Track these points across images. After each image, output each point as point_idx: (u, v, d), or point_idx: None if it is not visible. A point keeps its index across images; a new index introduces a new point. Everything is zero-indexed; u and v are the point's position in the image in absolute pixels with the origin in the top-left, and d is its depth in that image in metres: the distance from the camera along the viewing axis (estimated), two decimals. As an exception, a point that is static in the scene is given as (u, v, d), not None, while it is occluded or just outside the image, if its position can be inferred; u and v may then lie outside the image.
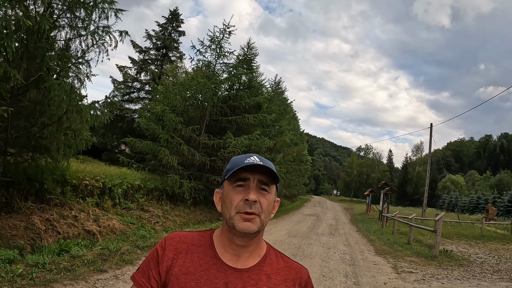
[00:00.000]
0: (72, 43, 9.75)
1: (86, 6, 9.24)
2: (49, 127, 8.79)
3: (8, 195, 9.43)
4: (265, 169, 1.45)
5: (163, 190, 16.98)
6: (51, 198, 10.72)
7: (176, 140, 18.11)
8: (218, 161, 19.08)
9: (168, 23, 40.32)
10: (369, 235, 19.91)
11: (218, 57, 21.30)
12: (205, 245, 1.52)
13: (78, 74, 9.19)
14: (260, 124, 21.94)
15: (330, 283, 8.85)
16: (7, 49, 6.13)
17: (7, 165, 9.46)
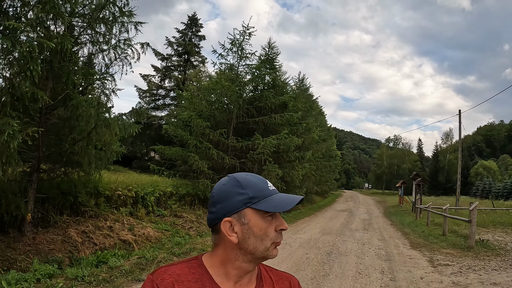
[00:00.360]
0: (95, 58, 9.92)
1: (106, 21, 9.41)
2: (79, 143, 8.95)
3: (43, 210, 9.61)
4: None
5: (195, 195, 17.06)
6: (85, 210, 10.89)
7: (205, 145, 18.17)
8: (248, 163, 19.08)
9: (187, 29, 40.54)
10: (403, 228, 19.62)
11: (240, 59, 21.29)
12: (202, 279, 1.40)
13: (104, 89, 9.30)
14: (287, 123, 21.88)
15: (366, 280, 8.74)
16: (33, 72, 6.22)
17: (41, 181, 9.65)
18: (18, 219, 8.42)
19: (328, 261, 10.52)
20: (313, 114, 32.95)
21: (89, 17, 9.19)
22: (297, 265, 9.89)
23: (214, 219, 1.39)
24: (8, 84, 6.45)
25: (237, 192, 1.37)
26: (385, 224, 22.18)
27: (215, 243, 1.44)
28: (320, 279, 8.65)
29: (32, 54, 6.07)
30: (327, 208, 31.68)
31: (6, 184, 8.29)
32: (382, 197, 61.13)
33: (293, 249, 12.04)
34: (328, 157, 42.92)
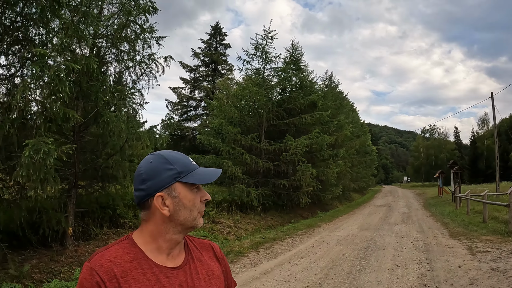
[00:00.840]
0: (122, 75, 10.26)
1: (129, 39, 9.73)
2: (113, 157, 9.28)
3: (84, 224, 9.97)
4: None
5: (231, 200, 17.24)
6: (124, 222, 11.24)
7: (238, 150, 18.38)
8: (281, 165, 19.16)
9: (212, 39, 40.94)
10: (443, 219, 19.43)
11: (265, 63, 21.42)
12: (137, 257, 1.44)
13: (132, 104, 9.61)
14: (317, 122, 21.90)
15: (403, 271, 8.75)
16: (63, 94, 6.53)
17: (80, 196, 10.07)
18: (60, 233, 8.77)
19: (365, 256, 10.55)
20: (344, 111, 32.72)
21: (112, 37, 9.53)
22: (334, 261, 9.95)
23: (145, 196, 1.45)
24: (40, 107, 6.78)
25: (166, 168, 1.46)
26: (424, 216, 21.94)
27: (144, 219, 1.49)
28: (356, 273, 8.70)
29: (60, 76, 6.38)
30: (365, 205, 31.47)
31: (46, 200, 8.76)
32: (421, 190, 60.09)
33: (331, 246, 12.09)
34: (363, 153, 42.62)
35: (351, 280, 8.10)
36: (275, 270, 9.03)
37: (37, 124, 6.83)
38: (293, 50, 23.66)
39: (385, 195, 47.49)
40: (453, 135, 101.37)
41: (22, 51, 7.31)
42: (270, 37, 20.97)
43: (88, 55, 8.09)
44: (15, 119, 6.88)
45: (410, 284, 7.74)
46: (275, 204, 19.86)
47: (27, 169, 6.22)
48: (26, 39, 7.59)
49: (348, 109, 37.87)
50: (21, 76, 7.88)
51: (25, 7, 7.23)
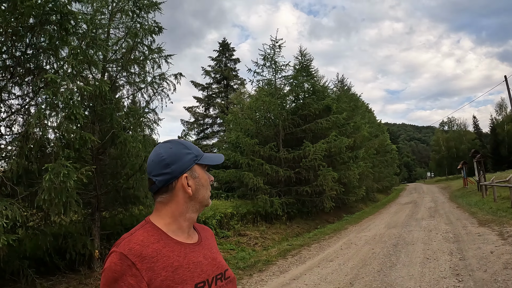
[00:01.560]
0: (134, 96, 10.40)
1: (138, 61, 9.86)
2: (132, 177, 9.34)
3: (109, 246, 10.03)
4: None
5: (255, 212, 17.20)
6: (151, 243, 11.26)
7: (257, 161, 18.40)
8: (302, 171, 19.10)
9: (221, 55, 41.27)
10: (470, 208, 19.23)
11: (275, 72, 21.54)
12: (161, 238, 1.54)
13: (148, 122, 9.72)
14: (334, 126, 21.85)
15: (435, 264, 8.68)
16: (77, 116, 6.65)
17: (104, 219, 10.19)
18: (87, 257, 8.86)
19: (394, 252, 10.46)
20: (359, 112, 32.60)
21: (122, 60, 9.70)
22: (363, 260, 9.87)
23: (170, 179, 1.58)
24: (57, 133, 6.90)
25: (186, 153, 1.63)
26: (451, 208, 21.66)
27: (163, 203, 1.61)
28: (387, 270, 8.64)
29: (74, 100, 6.51)
30: (391, 204, 31.06)
31: (71, 225, 8.96)
32: (446, 183, 59.25)
33: (359, 247, 12.00)
34: (383, 152, 42.33)
35: (382, 277, 8.04)
36: (305, 275, 8.98)
37: (55, 150, 6.96)
38: (302, 56, 23.85)
39: (410, 192, 46.92)
40: (472, 125, 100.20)
41: (34, 79, 7.47)
42: (278, 46, 21.15)
43: (100, 79, 8.25)
44: (33, 147, 7.03)
45: (442, 275, 7.68)
46: (299, 212, 19.76)
47: (48, 193, 6.33)
48: (37, 68, 7.75)
49: (363, 110, 37.68)
50: (36, 104, 8.06)
51: (34, 38, 7.40)
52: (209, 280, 1.58)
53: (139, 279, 1.40)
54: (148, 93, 10.32)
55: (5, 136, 8.09)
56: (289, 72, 22.26)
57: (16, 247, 6.32)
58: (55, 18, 7.18)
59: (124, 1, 9.63)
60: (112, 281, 1.41)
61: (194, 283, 1.50)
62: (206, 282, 1.56)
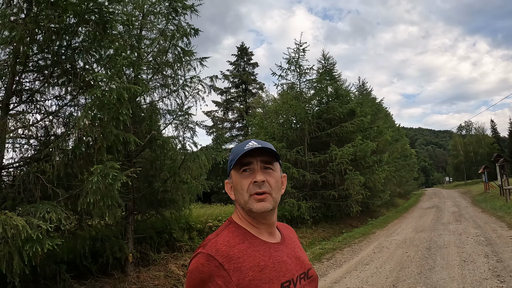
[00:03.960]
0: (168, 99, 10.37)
1: (172, 63, 9.84)
2: (168, 180, 9.31)
3: (142, 249, 10.00)
4: (265, 150, 1.59)
5: (281, 216, 17.09)
6: (181, 245, 11.20)
7: (284, 165, 18.28)
8: (328, 175, 18.93)
9: (239, 59, 41.31)
10: (496, 213, 19.19)
11: (300, 76, 21.39)
12: (246, 238, 1.56)
13: (185, 124, 9.69)
14: (358, 130, 21.67)
15: (473, 266, 8.72)
16: (124, 117, 6.63)
17: (137, 222, 10.13)
18: (122, 260, 8.79)
19: (429, 255, 10.45)
20: (380, 116, 32.48)
21: (153, 62, 9.69)
22: (400, 264, 9.84)
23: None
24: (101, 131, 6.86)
25: (229, 160, 1.66)
26: (476, 212, 21.60)
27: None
28: (427, 272, 8.65)
29: (122, 99, 6.49)
30: (412, 209, 30.73)
31: (107, 228, 8.85)
32: (466, 188, 58.72)
33: (391, 250, 11.94)
34: (403, 157, 42.02)
35: (424, 280, 8.06)
36: (344, 278, 8.96)
37: (97, 149, 6.93)
38: (325, 60, 23.75)
39: (430, 197, 46.43)
40: (490, 129, 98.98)
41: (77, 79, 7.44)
42: (302, 49, 20.94)
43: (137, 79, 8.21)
44: (75, 147, 7.00)
45: (483, 277, 7.75)
46: (324, 216, 19.52)
47: (94, 196, 6.28)
48: (74, 68, 7.72)
49: (383, 114, 37.50)
50: (76, 105, 8.06)
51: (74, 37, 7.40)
52: (294, 279, 1.57)
53: (227, 279, 1.41)
54: (181, 95, 10.28)
55: (40, 138, 8.11)
56: (313, 76, 22.13)
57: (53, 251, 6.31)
58: (94, 17, 7.18)
59: (158, 2, 9.60)
60: (200, 282, 1.43)
61: (280, 282, 1.50)
62: (291, 281, 1.55)
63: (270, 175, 1.59)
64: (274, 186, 1.59)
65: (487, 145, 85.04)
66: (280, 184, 1.65)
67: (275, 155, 1.62)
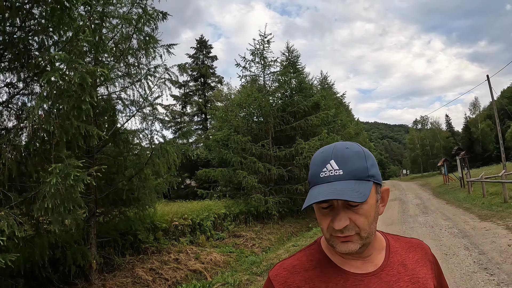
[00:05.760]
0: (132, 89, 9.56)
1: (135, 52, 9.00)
2: (134, 178, 8.52)
3: (105, 254, 9.19)
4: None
5: (247, 212, 16.62)
6: (146, 247, 10.51)
7: (250, 159, 17.70)
8: (294, 169, 18.60)
9: (198, 52, 40.70)
10: (462, 204, 19.30)
11: (264, 68, 20.86)
12: (321, 263, 1.29)
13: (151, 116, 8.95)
14: (323, 123, 21.46)
15: (456, 259, 8.57)
16: (87, 105, 5.84)
17: (99, 225, 9.24)
18: (86, 268, 7.99)
19: (408, 249, 10.20)
20: (342, 110, 32.52)
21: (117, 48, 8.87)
22: (384, 257, 9.55)
23: None
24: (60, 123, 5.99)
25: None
26: (441, 204, 21.69)
27: None
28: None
29: (84, 84, 5.66)
30: (375, 201, 30.93)
31: (68, 233, 7.90)
32: (423, 180, 60.25)
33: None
34: (365, 151, 42.33)
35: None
36: None
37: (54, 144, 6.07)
38: (289, 53, 23.40)
39: (389, 190, 47.13)
40: (445, 123, 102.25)
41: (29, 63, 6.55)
42: (267, 41, 20.44)
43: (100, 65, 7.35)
44: (29, 142, 6.16)
45: (471, 270, 7.64)
46: (290, 211, 19.23)
47: (53, 199, 5.45)
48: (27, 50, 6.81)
49: (345, 108, 37.66)
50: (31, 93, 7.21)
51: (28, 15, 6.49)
52: None
53: None
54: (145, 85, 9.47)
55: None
56: (277, 68, 21.72)
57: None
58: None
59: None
60: None
61: None
62: None
63: (357, 212, 1.17)
64: (364, 225, 1.18)
65: (442, 139, 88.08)
66: (373, 213, 1.21)
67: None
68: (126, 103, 8.76)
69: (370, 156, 1.23)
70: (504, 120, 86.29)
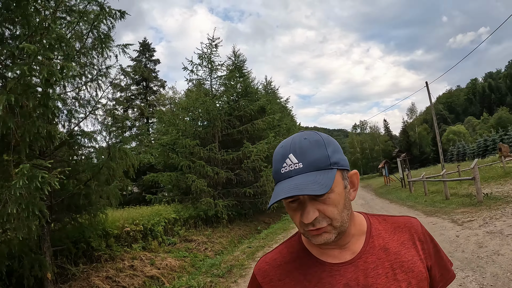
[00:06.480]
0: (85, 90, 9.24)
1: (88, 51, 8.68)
2: (90, 181, 8.14)
3: (58, 263, 8.73)
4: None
5: (196, 216, 16.45)
6: (99, 255, 10.10)
7: (198, 163, 17.54)
8: (242, 173, 18.62)
9: (141, 55, 40.05)
10: (405, 203, 19.97)
11: (211, 72, 20.76)
12: (300, 255, 1.29)
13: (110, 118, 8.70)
14: (269, 127, 21.70)
15: None
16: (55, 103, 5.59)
17: (52, 233, 8.74)
18: (42, 279, 7.50)
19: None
20: (285, 114, 32.86)
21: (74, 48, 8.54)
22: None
23: None
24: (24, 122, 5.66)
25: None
26: (385, 203, 22.41)
27: None
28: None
29: (50, 80, 5.40)
30: (318, 203, 31.39)
31: (22, 242, 7.48)
32: (364, 182, 61.82)
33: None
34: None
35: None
36: None
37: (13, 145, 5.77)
38: (235, 57, 23.39)
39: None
40: (383, 128, 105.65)
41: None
42: (215, 45, 20.39)
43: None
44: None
45: None
46: (238, 214, 19.22)
47: (16, 204, 5.17)
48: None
49: (288, 113, 38.06)
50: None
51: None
52: None
53: None
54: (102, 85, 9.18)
55: None
56: (224, 72, 21.66)
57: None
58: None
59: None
60: None
61: None
62: None
63: (324, 202, 1.12)
64: (334, 214, 1.13)
65: (382, 143, 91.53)
66: (342, 200, 1.16)
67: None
68: (82, 103, 8.47)
69: (331, 142, 1.20)
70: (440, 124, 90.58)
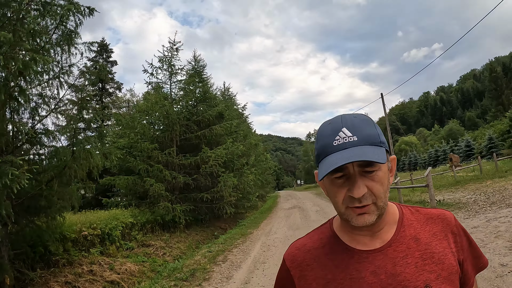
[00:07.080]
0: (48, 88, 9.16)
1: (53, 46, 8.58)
2: (53, 181, 8.06)
3: (16, 268, 8.50)
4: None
5: (154, 221, 16.35)
6: (57, 259, 9.89)
7: (157, 167, 17.45)
8: (200, 178, 18.62)
9: (98, 56, 39.43)
10: None
11: (171, 75, 20.72)
12: (329, 241, 1.30)
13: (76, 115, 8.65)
14: (226, 133, 21.82)
15: None
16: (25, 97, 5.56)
17: (10, 236, 8.47)
18: (2, 284, 7.28)
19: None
20: (242, 120, 33.05)
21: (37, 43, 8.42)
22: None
23: None
24: None
25: (315, 148, 1.25)
26: (340, 211, 22.67)
27: None
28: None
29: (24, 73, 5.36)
30: (275, 210, 31.35)
31: None
32: (318, 190, 62.12)
33: (279, 248, 12.23)
34: (262, 161, 43.18)
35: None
36: (252, 278, 8.94)
37: None
38: (195, 62, 23.40)
39: (286, 199, 48.02)
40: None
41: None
42: (175, 49, 20.35)
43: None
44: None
45: None
46: (195, 219, 19.19)
47: None
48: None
49: (244, 119, 38.22)
50: None
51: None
52: None
53: (289, 281, 1.33)
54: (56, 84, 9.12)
55: None
56: (184, 77, 21.67)
57: None
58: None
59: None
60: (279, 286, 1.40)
61: None
62: None
63: (373, 179, 1.14)
64: (380, 193, 1.15)
65: None
66: (387, 181, 1.19)
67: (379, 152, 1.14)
68: (46, 100, 8.40)
69: (377, 124, 1.23)
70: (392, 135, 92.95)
